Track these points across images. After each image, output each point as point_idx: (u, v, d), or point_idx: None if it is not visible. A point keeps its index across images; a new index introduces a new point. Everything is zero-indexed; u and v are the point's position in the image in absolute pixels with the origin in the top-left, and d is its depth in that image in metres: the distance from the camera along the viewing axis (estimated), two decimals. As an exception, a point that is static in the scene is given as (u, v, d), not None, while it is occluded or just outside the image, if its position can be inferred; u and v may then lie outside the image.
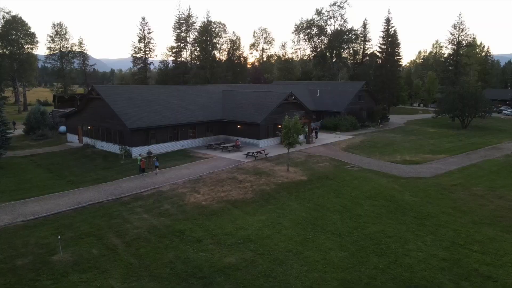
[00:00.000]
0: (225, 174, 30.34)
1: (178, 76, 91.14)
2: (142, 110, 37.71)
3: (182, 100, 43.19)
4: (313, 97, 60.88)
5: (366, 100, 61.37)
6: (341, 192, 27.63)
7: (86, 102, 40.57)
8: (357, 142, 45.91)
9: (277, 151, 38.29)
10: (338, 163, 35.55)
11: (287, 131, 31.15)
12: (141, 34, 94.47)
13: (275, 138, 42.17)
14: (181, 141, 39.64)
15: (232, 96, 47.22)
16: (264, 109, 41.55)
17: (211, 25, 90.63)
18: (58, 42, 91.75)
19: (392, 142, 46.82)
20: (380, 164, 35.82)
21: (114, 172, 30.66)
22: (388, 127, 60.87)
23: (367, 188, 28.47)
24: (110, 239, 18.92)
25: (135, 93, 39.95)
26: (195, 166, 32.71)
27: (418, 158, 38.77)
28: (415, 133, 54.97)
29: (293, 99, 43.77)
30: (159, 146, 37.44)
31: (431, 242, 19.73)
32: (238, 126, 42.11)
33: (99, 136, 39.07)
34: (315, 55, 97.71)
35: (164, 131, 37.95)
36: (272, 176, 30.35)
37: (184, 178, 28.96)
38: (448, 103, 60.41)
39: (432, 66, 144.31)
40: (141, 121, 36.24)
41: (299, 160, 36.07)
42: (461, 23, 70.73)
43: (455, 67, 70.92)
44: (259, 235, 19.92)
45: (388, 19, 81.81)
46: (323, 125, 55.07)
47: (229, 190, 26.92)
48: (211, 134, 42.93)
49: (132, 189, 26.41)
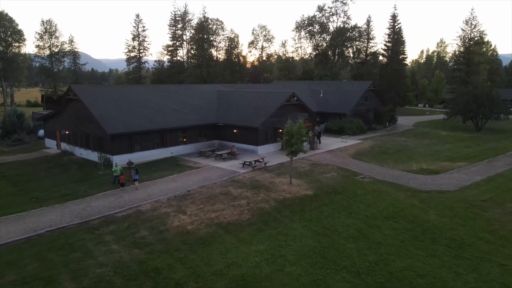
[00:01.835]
0: (218, 188, 26.07)
1: (173, 76, 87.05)
2: (126, 113, 33.42)
3: (173, 101, 38.91)
4: (316, 98, 56.60)
5: (372, 101, 57.09)
6: (353, 210, 23.39)
7: (64, 104, 36.24)
8: (366, 147, 41.64)
9: (277, 159, 34.03)
10: (347, 173, 31.31)
11: (290, 138, 26.86)
12: (135, 31, 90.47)
13: (276, 144, 37.94)
14: (170, 148, 35.36)
15: (228, 97, 42.94)
16: (263, 112, 37.28)
17: (207, 21, 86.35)
18: (47, 40, 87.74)
19: (404, 147, 42.54)
20: (395, 174, 31.59)
21: (88, 186, 26.36)
22: (396, 130, 56.61)
23: (384, 205, 24.24)
24: (63, 284, 14.62)
25: (119, 94, 35.64)
26: (183, 178, 28.41)
27: (436, 166, 34.54)
28: (427, 137, 50.73)
29: (295, 100, 39.49)
30: (144, 153, 33.19)
31: (475, 283, 15.49)
32: (234, 131, 37.83)
33: (77, 142, 34.81)
34: (316, 54, 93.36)
35: (150, 137, 33.68)
36: (273, 190, 26.10)
37: (169, 194, 24.68)
38: (461, 104, 56.10)
39: (437, 65, 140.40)
40: (124, 125, 31.96)
41: (303, 169, 31.82)
42: (473, 19, 66.33)
43: (467, 65, 66.52)
44: (256, 275, 15.65)
45: (394, 15, 77.42)
46: (327, 128, 50.81)
47: (222, 209, 22.66)
48: (204, 139, 38.66)
49: (104, 209, 22.11)
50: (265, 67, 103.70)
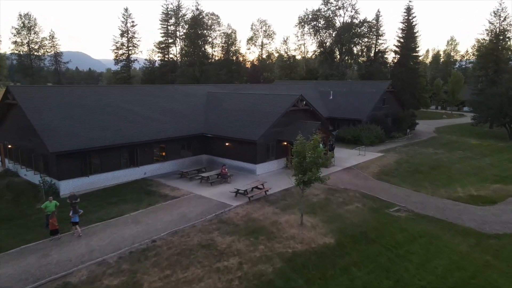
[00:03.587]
0: (197, 236, 17.97)
1: (166, 75, 78.97)
2: (81, 123, 25.32)
3: (148, 107, 30.80)
4: (324, 101, 48.50)
5: (391, 104, 48.98)
6: (400, 275, 15.39)
7: (5, 111, 28.07)
8: (391, 163, 33.54)
9: (282, 182, 25.91)
10: (376, 204, 23.29)
11: (301, 161, 18.74)
12: (124, 27, 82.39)
13: (279, 161, 29.91)
14: (143, 167, 27.32)
15: (220, 101, 34.82)
16: (264, 120, 29.23)
17: (201, 15, 78.30)
18: (25, 36, 79.66)
19: (437, 162, 34.44)
20: (440, 205, 23.59)
21: (9, 232, 18.26)
22: (418, 137, 48.50)
23: (443, 265, 16.23)
24: None
25: (74, 98, 27.42)
26: (150, 217, 20.27)
27: (489, 191, 26.54)
28: (457, 147, 42.67)
29: (304, 104, 31.39)
30: (106, 176, 25.12)
31: None
32: (226, 144, 29.77)
33: (19, 160, 26.74)
34: (321, 51, 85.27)
35: (115, 154, 25.61)
36: (277, 238, 18.05)
37: (122, 249, 16.59)
38: (494, 107, 48.01)
39: (447, 64, 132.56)
40: (77, 140, 23.87)
41: (316, 198, 23.76)
42: (502, 10, 58.16)
43: (495, 63, 58.37)
44: None
45: (409, 7, 69.18)
46: (339, 136, 42.65)
47: (199, 277, 14.62)
48: (188, 154, 30.62)
49: (12, 281, 14.03)
50: (265, 65, 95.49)
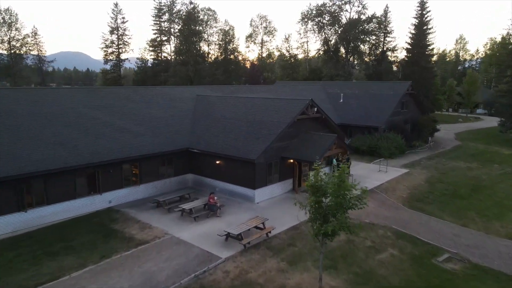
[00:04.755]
0: (163, 322, 11.78)
1: (159, 75, 72.93)
2: (22, 138, 19.12)
3: (121, 114, 24.54)
4: (333, 104, 42.23)
5: (410, 108, 42.71)
6: None
7: None
8: (421, 183, 27.27)
9: (287, 215, 19.62)
10: (416, 249, 17.09)
11: (320, 203, 12.50)
12: (114, 23, 76.33)
13: (283, 183, 23.68)
14: (107, 194, 21.09)
15: (211, 106, 28.57)
16: (264, 131, 22.99)
17: (196, 9, 72.06)
18: (6, 33, 73.57)
19: (477, 182, 28.15)
20: (501, 249, 17.45)
21: None
22: (442, 146, 42.19)
23: None
24: None
25: (24, 103, 21.20)
26: (98, 282, 14.05)
27: (558, 226, 20.35)
28: (490, 159, 36.38)
29: (315, 112, 25.06)
30: (54, 209, 18.90)
31: None
32: (217, 162, 23.51)
33: None
34: (325, 50, 79.03)
35: (68, 179, 19.38)
36: (285, 322, 11.84)
37: None
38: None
39: (456, 64, 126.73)
40: (12, 162, 17.68)
41: (335, 241, 17.47)
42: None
43: (524, 61, 52.09)
44: None
45: (423, 2, 63.20)
46: (351, 146, 36.40)
47: None
48: (170, 174, 24.37)
49: None
50: (265, 65, 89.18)
